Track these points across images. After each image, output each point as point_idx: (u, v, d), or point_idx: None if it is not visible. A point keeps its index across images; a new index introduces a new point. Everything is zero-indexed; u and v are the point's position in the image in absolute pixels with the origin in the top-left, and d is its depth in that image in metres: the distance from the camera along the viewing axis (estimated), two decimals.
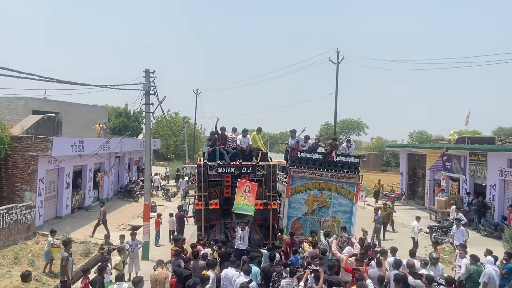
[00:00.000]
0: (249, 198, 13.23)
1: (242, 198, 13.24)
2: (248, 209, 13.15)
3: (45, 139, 18.06)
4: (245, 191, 13.32)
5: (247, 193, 13.29)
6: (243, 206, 13.15)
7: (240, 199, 13.23)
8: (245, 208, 13.15)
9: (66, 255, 11.36)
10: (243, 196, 13.26)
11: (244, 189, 13.35)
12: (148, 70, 16.01)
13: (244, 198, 13.24)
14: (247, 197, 13.24)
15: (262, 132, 16.80)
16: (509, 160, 19.72)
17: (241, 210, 13.18)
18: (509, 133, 52.47)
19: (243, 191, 13.32)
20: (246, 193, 13.30)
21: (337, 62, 35.00)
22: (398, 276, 9.12)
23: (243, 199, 13.23)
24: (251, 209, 13.16)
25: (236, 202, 13.23)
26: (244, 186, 13.41)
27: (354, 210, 15.08)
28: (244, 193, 13.29)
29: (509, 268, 11.21)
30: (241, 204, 13.17)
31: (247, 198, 13.22)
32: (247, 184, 13.47)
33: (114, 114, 61.02)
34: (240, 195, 13.28)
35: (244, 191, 13.32)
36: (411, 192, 31.89)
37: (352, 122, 75.50)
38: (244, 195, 13.27)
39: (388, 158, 64.58)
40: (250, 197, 13.25)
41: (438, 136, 32.69)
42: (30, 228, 17.19)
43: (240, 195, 13.29)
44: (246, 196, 13.26)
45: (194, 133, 60.16)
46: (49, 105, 30.15)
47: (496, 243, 17.47)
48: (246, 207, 13.14)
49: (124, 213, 24.19)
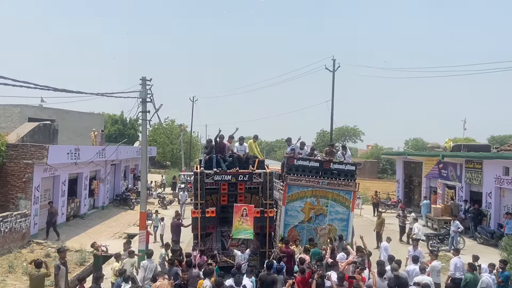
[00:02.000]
0: (247, 222, 13.22)
1: (240, 223, 13.23)
2: (248, 233, 13.14)
3: (41, 147, 18.00)
4: (242, 215, 13.31)
5: (244, 217, 13.28)
6: (242, 231, 13.14)
7: (238, 223, 13.21)
8: (244, 233, 13.15)
9: (57, 264, 11.23)
10: (240, 220, 13.26)
11: (241, 213, 13.34)
12: (145, 77, 15.98)
13: (242, 222, 13.22)
14: (245, 221, 13.23)
15: (258, 140, 16.78)
16: (505, 168, 19.79)
17: (240, 235, 13.19)
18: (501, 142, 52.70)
19: (240, 216, 13.31)
20: (243, 217, 13.28)
21: (333, 69, 35.15)
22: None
23: (241, 223, 13.22)
24: (251, 233, 13.15)
25: (234, 227, 13.20)
26: (241, 210, 13.39)
27: (350, 218, 15.04)
28: (242, 218, 13.28)
29: (505, 276, 11.21)
30: (240, 229, 13.16)
31: (245, 222, 13.21)
32: (243, 208, 13.46)
33: (110, 121, 60.99)
34: (238, 220, 13.27)
35: (242, 215, 13.31)
36: (407, 199, 31.90)
37: (348, 129, 75.67)
38: (242, 220, 13.25)
39: (384, 166, 64.68)
40: (248, 220, 13.25)
41: (434, 143, 32.77)
42: (25, 237, 17.07)
43: (237, 219, 13.27)
44: (244, 220, 13.24)
45: (190, 140, 60.14)
46: (44, 113, 30.09)
47: (492, 251, 17.49)
48: (245, 231, 13.13)
49: (120, 221, 24.07)
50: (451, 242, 18.47)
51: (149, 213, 19.85)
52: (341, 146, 16.48)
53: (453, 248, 14.08)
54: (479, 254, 17.59)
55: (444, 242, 18.96)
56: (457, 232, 18.28)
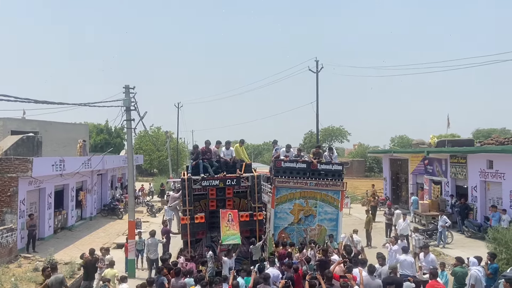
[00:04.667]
0: (233, 227, 13.23)
1: (227, 228, 13.22)
2: (235, 238, 13.12)
3: (25, 159, 17.76)
4: (229, 220, 13.32)
5: (230, 222, 13.29)
6: (230, 236, 13.11)
7: (225, 229, 13.19)
8: (232, 238, 13.13)
9: None
10: (227, 226, 13.25)
11: (227, 218, 13.35)
12: (128, 86, 15.95)
13: (229, 228, 13.22)
14: (232, 226, 13.24)
15: (245, 144, 16.81)
16: (489, 161, 20.10)
17: (228, 240, 13.16)
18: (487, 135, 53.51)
19: (227, 221, 13.31)
20: (230, 222, 13.29)
21: (317, 71, 35.34)
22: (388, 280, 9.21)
23: (228, 229, 13.21)
24: (238, 237, 13.15)
25: (223, 233, 13.16)
26: (227, 215, 13.40)
27: (339, 217, 15.12)
28: (228, 223, 13.29)
29: (494, 268, 11.40)
30: (228, 235, 13.13)
31: (231, 227, 13.21)
32: (229, 213, 13.47)
33: (95, 131, 60.48)
34: (225, 225, 13.25)
35: (228, 220, 13.32)
36: (395, 196, 32.20)
37: (334, 130, 76.05)
38: (229, 225, 13.26)
39: (371, 164, 65.15)
40: (234, 225, 13.26)
41: (419, 140, 33.20)
42: (12, 251, 16.80)
43: (225, 225, 13.26)
44: (230, 225, 13.24)
45: (177, 147, 59.90)
46: (27, 125, 29.73)
47: (480, 244, 17.73)
48: (232, 236, 13.11)
49: (108, 231, 23.84)
50: (439, 237, 18.69)
51: (138, 222, 19.68)
52: (328, 148, 16.54)
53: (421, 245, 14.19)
54: (467, 248, 17.94)
55: (433, 237, 19.19)
56: (445, 227, 18.51)
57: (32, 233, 18.22)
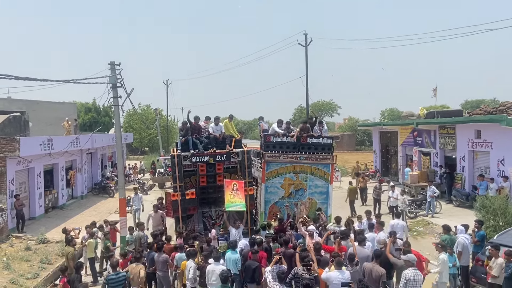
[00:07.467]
0: (238, 196, 13.25)
1: (232, 196, 13.24)
2: (240, 205, 13.16)
3: (12, 139, 17.56)
4: (233, 189, 13.35)
5: (235, 191, 13.32)
6: (234, 203, 13.13)
7: (230, 197, 13.21)
8: (236, 205, 13.15)
9: None
10: (232, 194, 13.28)
11: (232, 187, 13.38)
12: (114, 62, 15.62)
13: (233, 196, 13.24)
14: (236, 194, 13.26)
15: (235, 119, 16.68)
16: (477, 131, 20.24)
17: (233, 207, 13.18)
18: (476, 105, 53.87)
19: (231, 190, 13.34)
20: (234, 191, 13.32)
21: (306, 44, 35.04)
22: (377, 252, 9.32)
23: (233, 197, 13.23)
24: (243, 205, 13.18)
25: (226, 200, 13.17)
26: (232, 184, 13.45)
27: (330, 190, 15.21)
28: (233, 191, 13.32)
29: (481, 235, 11.62)
30: (232, 202, 13.15)
31: (236, 196, 13.24)
32: (234, 183, 13.51)
33: (83, 110, 59.88)
34: (229, 193, 13.28)
35: (232, 189, 13.35)
36: (385, 169, 32.50)
37: (324, 104, 75.93)
38: (233, 193, 13.29)
39: (361, 137, 65.48)
40: (239, 194, 13.29)
41: (408, 112, 33.27)
42: (3, 231, 16.78)
43: (229, 193, 13.28)
44: (235, 194, 13.27)
45: (167, 124, 59.56)
46: (14, 105, 29.33)
47: (468, 212, 18.04)
48: (237, 203, 13.14)
49: (100, 210, 23.86)
50: (428, 207, 18.97)
51: (129, 199, 19.67)
52: (318, 122, 16.30)
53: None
54: (455, 217, 18.22)
55: (422, 208, 19.47)
56: (433, 196, 18.75)
57: (20, 213, 18.14)
